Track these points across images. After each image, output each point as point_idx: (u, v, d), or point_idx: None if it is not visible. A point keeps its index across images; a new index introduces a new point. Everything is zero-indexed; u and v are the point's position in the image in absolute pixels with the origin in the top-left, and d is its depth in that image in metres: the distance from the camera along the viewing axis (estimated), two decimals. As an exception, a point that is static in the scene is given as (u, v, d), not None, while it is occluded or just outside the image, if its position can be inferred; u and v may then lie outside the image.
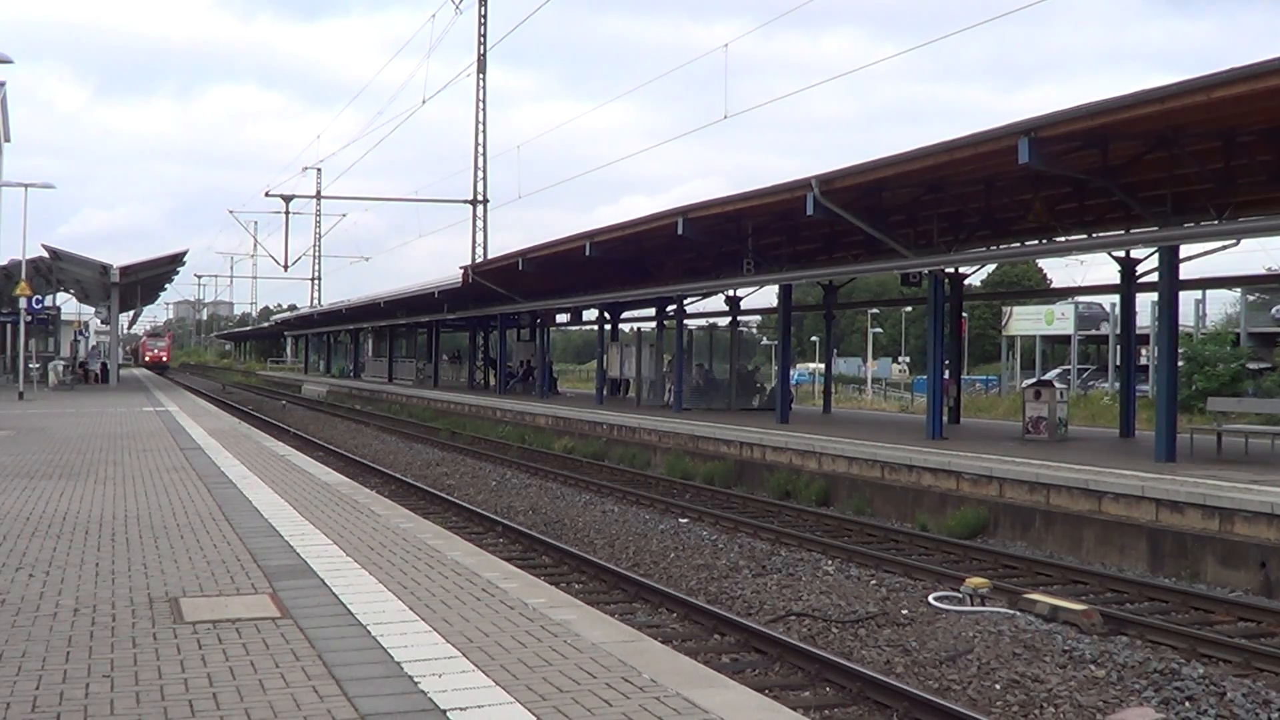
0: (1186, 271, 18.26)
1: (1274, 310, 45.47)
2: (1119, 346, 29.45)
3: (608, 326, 39.99)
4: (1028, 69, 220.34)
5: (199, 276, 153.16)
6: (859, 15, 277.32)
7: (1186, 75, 13.26)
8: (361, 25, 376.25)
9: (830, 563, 13.61)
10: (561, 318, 46.96)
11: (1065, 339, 58.19)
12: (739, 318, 34.36)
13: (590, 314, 41.35)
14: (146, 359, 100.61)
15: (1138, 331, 25.96)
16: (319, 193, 73.53)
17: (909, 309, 63.63)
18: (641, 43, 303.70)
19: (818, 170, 19.42)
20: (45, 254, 39.49)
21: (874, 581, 12.42)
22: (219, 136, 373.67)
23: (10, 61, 29.53)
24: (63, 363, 49.78)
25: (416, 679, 5.20)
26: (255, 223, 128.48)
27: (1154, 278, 19.49)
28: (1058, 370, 56.57)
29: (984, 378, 61.39)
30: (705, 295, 32.23)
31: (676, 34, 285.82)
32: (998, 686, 8.59)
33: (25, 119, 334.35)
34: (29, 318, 37.37)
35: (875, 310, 72.24)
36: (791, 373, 34.98)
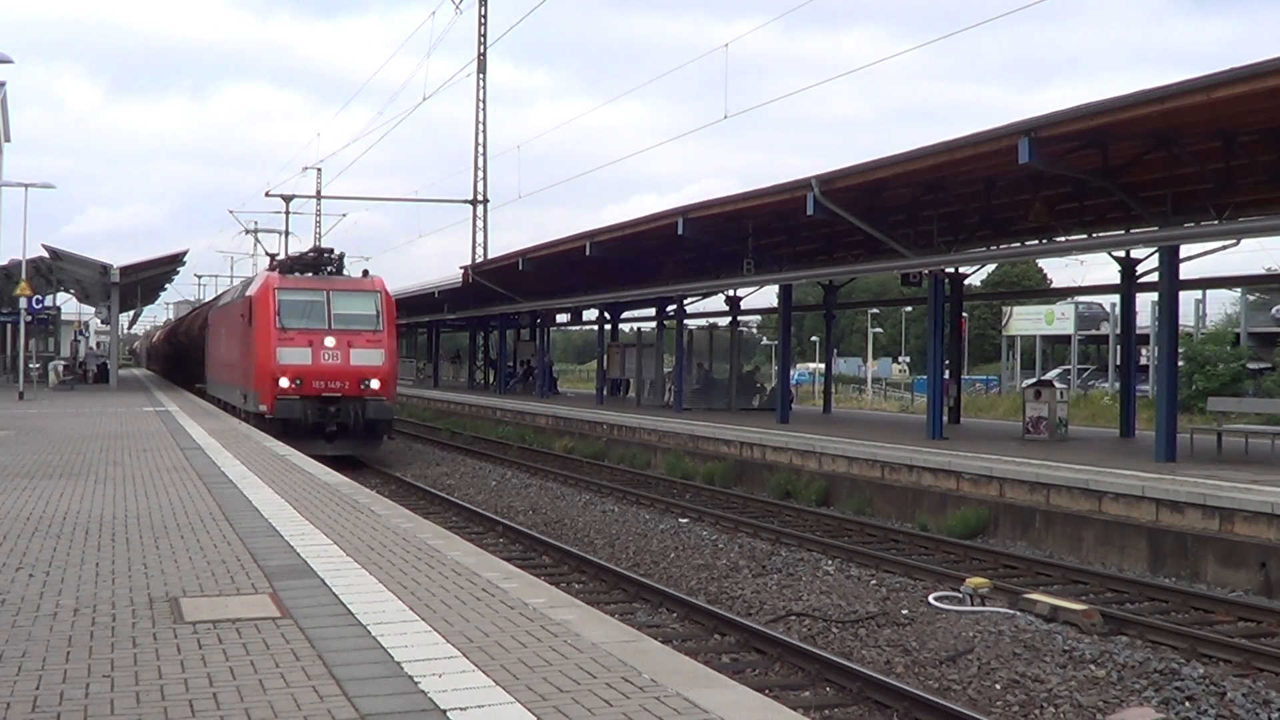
0: (1186, 271, 18.29)
1: (1274, 310, 45.48)
2: (1119, 346, 29.47)
3: (608, 326, 40.00)
4: (1048, 68, 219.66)
5: (199, 276, 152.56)
6: (881, 13, 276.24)
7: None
8: (379, 24, 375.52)
9: (830, 563, 13.61)
10: (561, 318, 46.96)
11: (1065, 339, 58.22)
12: (739, 318, 34.40)
13: (590, 314, 41.35)
14: (284, 383, 22.37)
15: (1138, 331, 25.98)
16: (319, 192, 73.47)
17: (909, 309, 63.65)
18: (662, 40, 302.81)
19: (831, 169, 19.42)
20: (45, 254, 39.48)
21: (874, 581, 12.43)
22: (230, 136, 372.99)
23: (10, 61, 29.52)
24: (63, 363, 49.77)
25: (417, 679, 5.20)
26: (255, 222, 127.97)
27: (1154, 278, 19.50)
28: (1058, 370, 56.60)
29: (984, 378, 61.41)
30: (705, 295, 32.25)
31: (697, 32, 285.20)
32: (998, 686, 8.60)
33: (37, 118, 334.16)
34: (29, 318, 37.36)
35: (875, 310, 72.25)
36: (791, 373, 34.99)
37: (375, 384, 22.87)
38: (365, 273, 25.06)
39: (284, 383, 22.43)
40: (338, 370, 22.68)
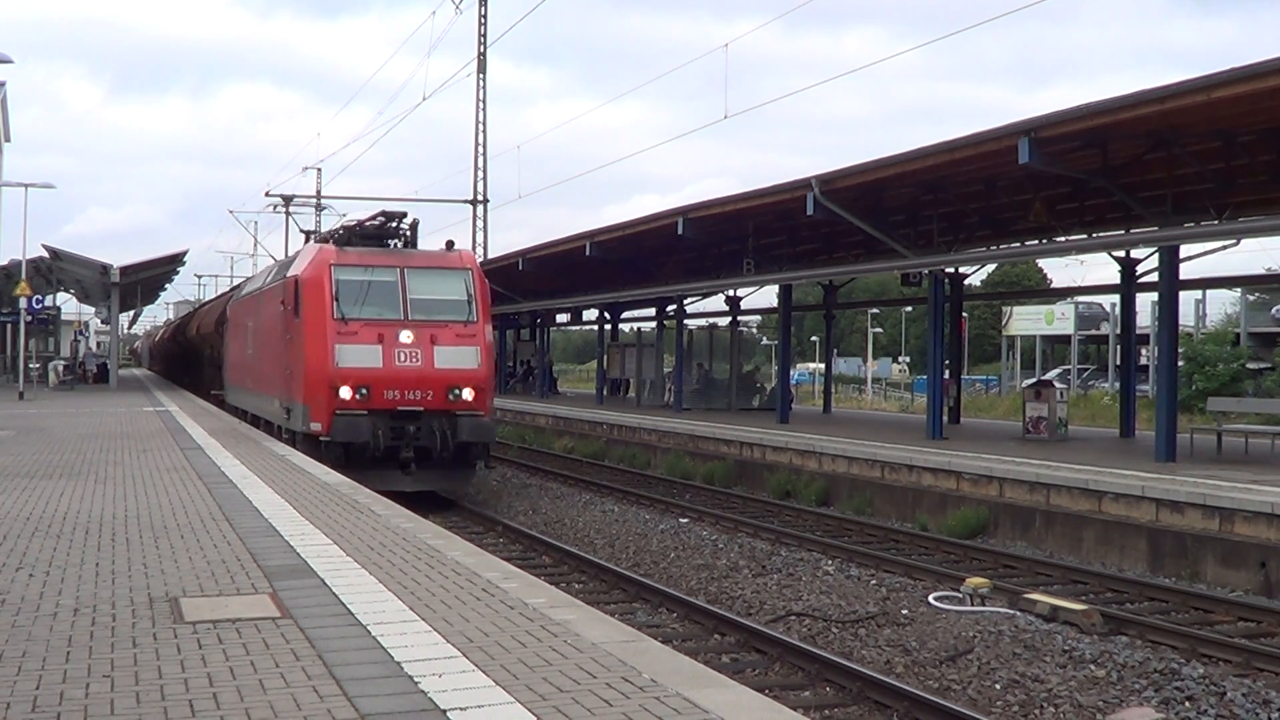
0: (1186, 271, 18.31)
1: (1274, 310, 45.51)
2: (1119, 346, 29.47)
3: (608, 326, 40.00)
4: (1048, 68, 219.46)
5: (199, 276, 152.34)
6: (881, 13, 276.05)
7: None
8: (379, 23, 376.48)
9: (830, 563, 13.61)
10: (561, 318, 46.98)
11: (1065, 339, 58.22)
12: (739, 318, 34.41)
13: (590, 314, 41.36)
14: (344, 393, 16.77)
15: (1138, 331, 26.00)
16: (319, 192, 73.44)
17: (909, 309, 63.62)
18: (662, 40, 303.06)
19: (831, 169, 19.42)
20: (45, 254, 39.49)
21: (874, 581, 12.43)
22: (230, 136, 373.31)
23: (10, 61, 29.52)
24: (63, 363, 49.75)
25: (416, 679, 5.19)
26: (255, 223, 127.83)
27: (1154, 278, 19.51)
28: (1058, 370, 56.58)
29: (984, 378, 61.40)
30: (705, 295, 32.27)
31: (697, 32, 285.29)
32: (998, 686, 8.60)
33: (37, 118, 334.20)
34: (29, 318, 37.37)
35: (875, 310, 72.23)
36: (791, 373, 35.00)
37: (468, 394, 17.11)
38: (450, 244, 18.65)
39: (345, 393, 16.71)
40: (418, 375, 16.97)
